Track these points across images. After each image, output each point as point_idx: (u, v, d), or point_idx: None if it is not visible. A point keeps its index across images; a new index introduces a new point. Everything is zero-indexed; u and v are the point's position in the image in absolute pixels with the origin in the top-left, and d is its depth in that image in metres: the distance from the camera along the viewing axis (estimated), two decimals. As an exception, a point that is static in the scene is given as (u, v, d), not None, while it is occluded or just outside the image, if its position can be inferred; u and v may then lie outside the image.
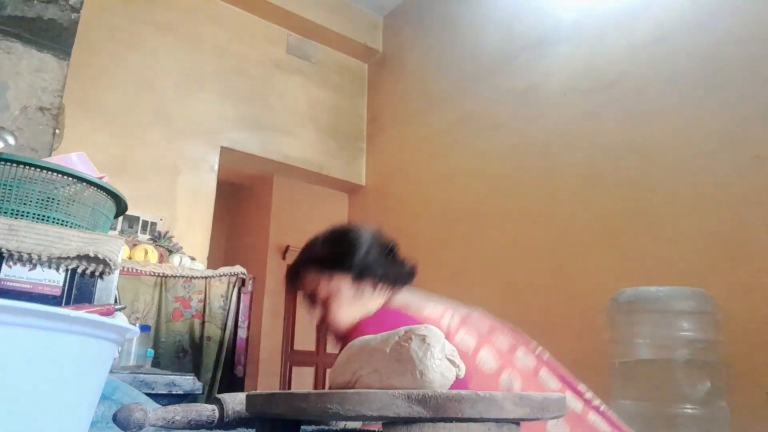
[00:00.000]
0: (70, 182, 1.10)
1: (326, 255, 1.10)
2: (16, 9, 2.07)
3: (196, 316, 2.39)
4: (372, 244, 1.11)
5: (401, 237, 3.69)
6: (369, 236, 1.12)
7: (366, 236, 1.11)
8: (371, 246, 1.10)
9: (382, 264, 1.10)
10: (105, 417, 0.64)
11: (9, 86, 2.02)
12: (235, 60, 3.29)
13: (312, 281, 1.10)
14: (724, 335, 1.66)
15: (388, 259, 1.11)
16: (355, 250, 1.08)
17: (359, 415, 0.40)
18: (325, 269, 1.08)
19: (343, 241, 1.11)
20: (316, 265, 1.10)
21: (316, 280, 1.09)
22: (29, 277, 1.04)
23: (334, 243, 1.11)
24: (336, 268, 1.07)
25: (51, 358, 0.38)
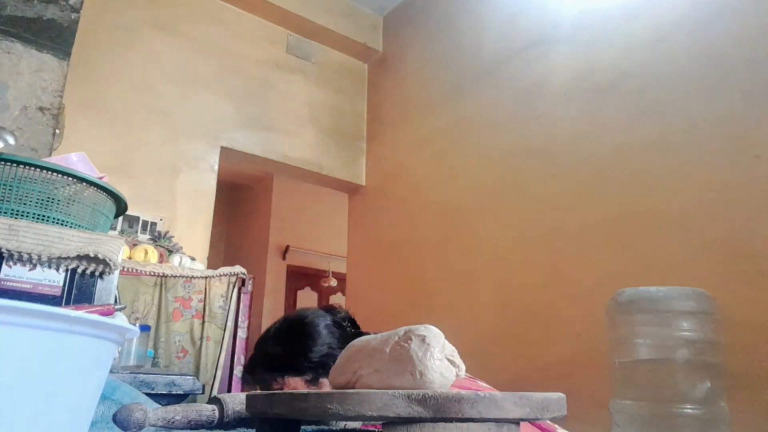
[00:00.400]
0: (70, 182, 1.10)
1: (277, 356, 1.02)
2: (16, 9, 2.07)
3: (196, 316, 2.39)
4: (327, 337, 1.03)
5: (401, 237, 3.71)
6: (323, 327, 1.04)
7: (320, 329, 1.03)
8: (326, 340, 1.03)
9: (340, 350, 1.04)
10: (105, 417, 0.64)
11: (9, 86, 2.02)
12: (235, 60, 3.29)
13: (267, 382, 1.02)
14: (724, 335, 1.66)
15: (346, 340, 1.06)
16: (306, 349, 1.00)
17: (359, 415, 0.40)
18: (276, 372, 1.01)
19: (294, 339, 1.03)
20: (268, 367, 1.03)
21: (271, 382, 1.01)
22: (29, 277, 1.04)
23: (285, 342, 1.04)
24: (288, 371, 1.00)
25: (51, 358, 0.38)
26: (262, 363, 1.04)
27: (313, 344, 1.01)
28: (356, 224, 3.75)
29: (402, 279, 3.11)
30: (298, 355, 1.00)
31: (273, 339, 1.05)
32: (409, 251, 3.15)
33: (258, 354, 1.06)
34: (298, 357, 1.00)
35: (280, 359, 1.02)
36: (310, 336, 1.02)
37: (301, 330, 1.04)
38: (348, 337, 1.03)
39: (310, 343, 1.01)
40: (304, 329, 1.04)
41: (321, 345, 1.01)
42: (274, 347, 1.04)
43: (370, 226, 3.57)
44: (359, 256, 3.63)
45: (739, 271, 1.74)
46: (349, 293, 3.68)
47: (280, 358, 1.02)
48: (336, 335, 1.04)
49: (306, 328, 1.04)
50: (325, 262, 5.28)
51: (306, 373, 1.00)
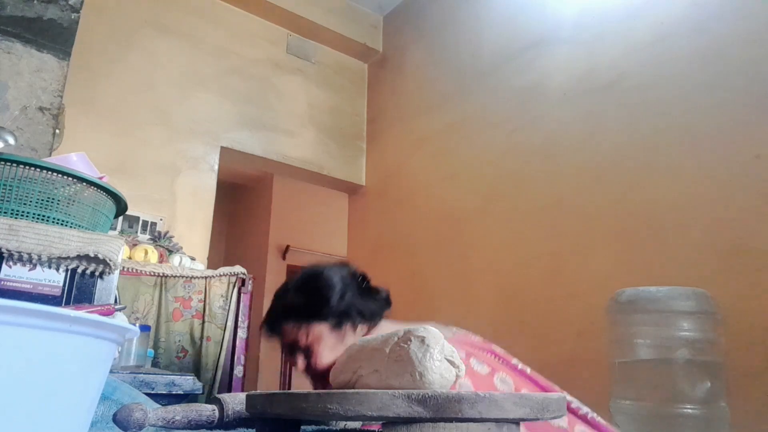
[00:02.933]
0: (70, 182, 1.10)
1: (300, 305, 1.07)
2: (16, 9, 2.07)
3: (196, 316, 2.39)
4: (344, 286, 1.09)
5: (401, 237, 3.71)
6: (340, 278, 1.10)
7: (337, 279, 1.09)
8: (344, 288, 1.08)
9: (358, 303, 1.08)
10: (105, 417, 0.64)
11: (9, 86, 2.02)
12: (235, 60, 3.29)
13: (290, 333, 1.07)
14: (724, 335, 1.66)
15: (362, 295, 1.10)
16: (328, 297, 1.06)
17: (359, 415, 0.40)
18: (301, 320, 1.06)
19: (315, 288, 1.09)
20: (291, 317, 1.08)
21: (294, 332, 1.07)
22: (29, 277, 1.04)
23: (307, 292, 1.09)
24: (312, 317, 1.05)
25: (51, 358, 0.38)
26: (284, 314, 1.08)
27: (333, 292, 1.06)
28: (356, 224, 3.75)
29: (402, 279, 3.11)
30: (320, 302, 1.06)
31: (293, 290, 1.10)
32: (409, 251, 3.15)
33: (278, 306, 1.11)
34: (320, 304, 1.05)
35: (303, 308, 1.06)
36: (329, 284, 1.08)
37: (320, 280, 1.09)
38: (363, 291, 1.10)
39: (331, 291, 1.07)
40: (323, 279, 1.09)
41: (340, 293, 1.07)
42: (295, 297, 1.09)
43: (370, 226, 3.57)
44: (359, 256, 3.63)
45: (739, 271, 1.74)
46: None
47: (302, 307, 1.06)
48: (352, 287, 1.10)
49: (324, 278, 1.09)
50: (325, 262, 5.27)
51: (329, 318, 1.05)
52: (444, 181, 3.00)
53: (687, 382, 1.57)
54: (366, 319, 1.09)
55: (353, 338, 1.06)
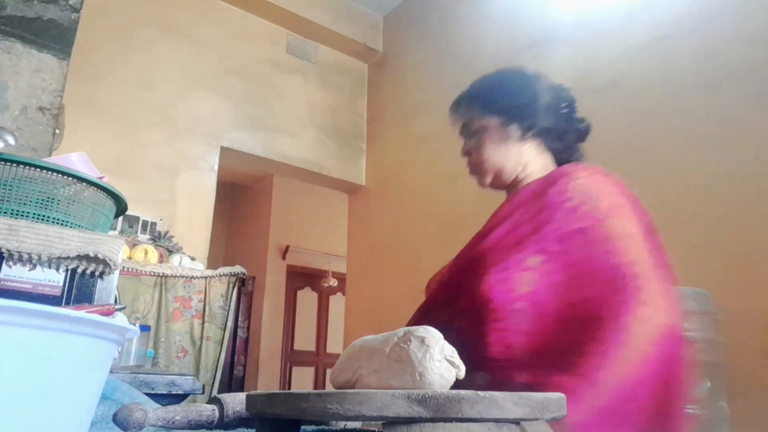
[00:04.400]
0: (70, 182, 1.10)
1: (487, 94, 1.06)
2: (16, 9, 2.07)
3: (196, 316, 2.39)
4: (541, 96, 1.03)
5: (401, 237, 3.70)
6: (541, 87, 1.05)
7: (537, 86, 1.04)
8: (538, 96, 1.03)
9: (547, 119, 1.03)
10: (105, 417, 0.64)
11: (9, 86, 2.02)
12: (235, 60, 3.29)
13: (467, 113, 1.07)
14: (724, 335, 1.66)
15: (558, 115, 1.05)
16: (518, 98, 1.03)
17: (359, 415, 0.40)
18: (480, 107, 1.05)
19: (509, 85, 1.06)
20: (474, 101, 1.07)
21: (470, 114, 1.06)
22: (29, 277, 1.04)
23: (501, 85, 1.07)
24: (491, 109, 1.04)
25: (51, 358, 0.38)
26: (470, 98, 1.08)
27: (522, 92, 1.03)
28: (356, 224, 3.75)
29: (402, 279, 3.11)
30: (505, 95, 1.04)
31: (486, 79, 1.09)
32: (409, 251, 3.15)
33: (470, 91, 1.09)
34: (503, 97, 1.03)
35: (487, 98, 1.05)
36: (525, 86, 1.04)
37: (518, 80, 1.06)
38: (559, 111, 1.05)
39: (521, 90, 1.03)
40: (521, 80, 1.06)
41: (531, 98, 1.03)
42: (485, 88, 1.08)
43: (370, 226, 3.57)
44: (359, 256, 3.63)
45: (739, 271, 1.74)
46: (349, 293, 3.68)
47: (488, 98, 1.05)
48: (547, 101, 1.03)
49: (522, 80, 1.06)
50: (325, 262, 5.28)
51: (503, 115, 1.02)
52: (444, 180, 3.00)
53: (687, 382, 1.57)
54: (548, 139, 1.04)
55: (518, 147, 1.03)
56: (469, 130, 1.07)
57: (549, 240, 0.85)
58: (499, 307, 0.80)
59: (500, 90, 1.06)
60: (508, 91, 1.05)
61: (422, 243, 3.06)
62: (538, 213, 0.90)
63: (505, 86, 1.06)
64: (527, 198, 0.96)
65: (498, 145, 1.04)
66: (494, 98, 1.05)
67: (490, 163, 1.04)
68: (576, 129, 1.10)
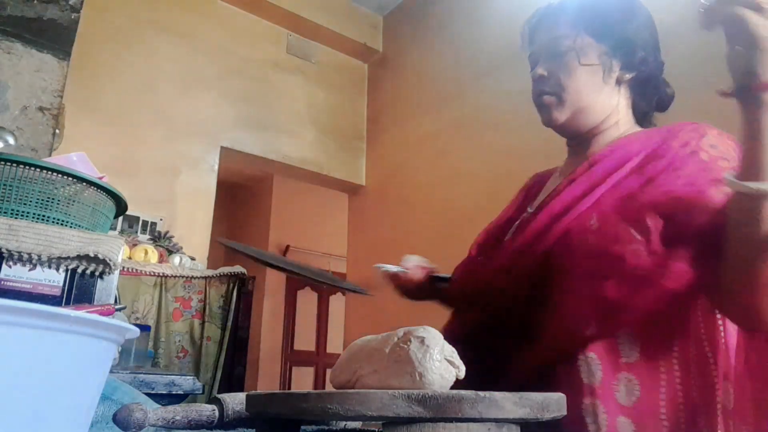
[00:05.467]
0: (70, 182, 1.10)
1: (588, 10, 0.84)
2: (16, 9, 2.07)
3: (196, 316, 2.39)
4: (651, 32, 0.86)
5: (401, 237, 3.70)
6: (650, 20, 0.88)
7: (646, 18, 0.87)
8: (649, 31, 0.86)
9: (651, 65, 0.86)
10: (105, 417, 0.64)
11: (9, 86, 2.02)
12: (235, 60, 3.29)
13: (554, 28, 0.86)
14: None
15: (659, 65, 0.89)
16: (626, 27, 0.83)
17: (359, 415, 0.40)
18: (577, 24, 0.83)
19: (617, 6, 0.85)
20: (569, 15, 0.85)
21: (559, 30, 0.85)
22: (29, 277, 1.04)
23: (607, 3, 0.85)
24: (592, 30, 0.82)
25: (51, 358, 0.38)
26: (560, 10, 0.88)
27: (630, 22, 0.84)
28: (356, 224, 3.75)
29: (402, 279, 3.11)
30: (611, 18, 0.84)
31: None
32: (409, 251, 3.14)
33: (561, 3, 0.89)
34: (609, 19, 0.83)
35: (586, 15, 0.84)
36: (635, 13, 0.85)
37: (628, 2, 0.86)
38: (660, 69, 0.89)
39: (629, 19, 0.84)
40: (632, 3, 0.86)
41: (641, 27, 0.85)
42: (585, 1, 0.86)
43: (370, 226, 3.57)
44: (359, 256, 3.63)
45: (739, 271, 1.74)
46: (349, 293, 3.68)
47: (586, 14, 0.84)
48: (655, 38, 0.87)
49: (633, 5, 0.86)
50: (325, 262, 5.28)
51: (606, 42, 0.83)
52: (444, 181, 3.00)
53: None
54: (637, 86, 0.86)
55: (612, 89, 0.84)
56: (552, 49, 0.85)
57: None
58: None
59: (605, 10, 0.84)
60: (615, 14, 0.84)
61: (422, 243, 3.06)
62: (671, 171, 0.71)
63: (611, 6, 0.85)
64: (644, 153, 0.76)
65: (591, 77, 0.82)
66: (597, 18, 0.83)
67: (576, 94, 0.83)
68: (665, 92, 0.92)
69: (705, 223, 0.66)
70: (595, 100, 0.83)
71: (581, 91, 0.83)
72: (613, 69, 0.84)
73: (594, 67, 0.83)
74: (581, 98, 0.83)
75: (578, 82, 0.82)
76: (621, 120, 0.86)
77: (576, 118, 0.84)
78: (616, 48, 0.83)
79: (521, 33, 0.95)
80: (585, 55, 0.83)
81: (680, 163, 0.73)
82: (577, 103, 0.83)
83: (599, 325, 0.69)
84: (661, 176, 0.72)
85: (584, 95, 0.83)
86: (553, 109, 0.85)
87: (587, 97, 0.83)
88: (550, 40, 0.86)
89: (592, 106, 0.84)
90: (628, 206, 0.71)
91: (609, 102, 0.84)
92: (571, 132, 0.88)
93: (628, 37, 0.83)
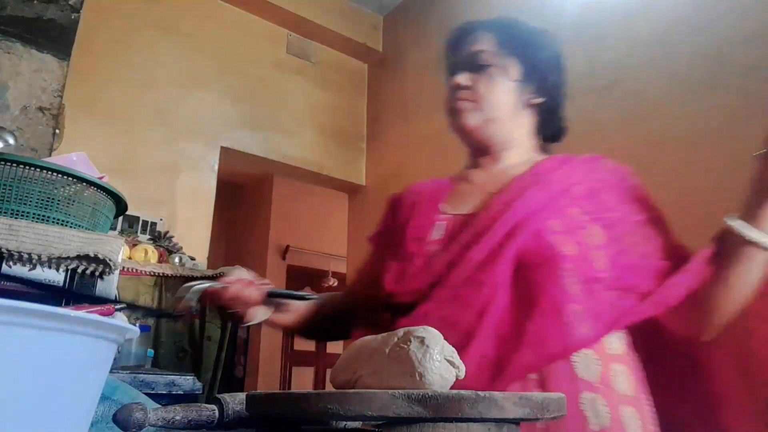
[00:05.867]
0: (70, 182, 1.10)
1: (515, 35, 0.93)
2: (16, 9, 2.07)
3: (196, 316, 2.39)
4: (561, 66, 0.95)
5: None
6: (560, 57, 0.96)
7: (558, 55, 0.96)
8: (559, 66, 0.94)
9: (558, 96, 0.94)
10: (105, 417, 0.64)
11: (9, 86, 2.02)
12: (235, 60, 3.29)
13: (483, 43, 0.93)
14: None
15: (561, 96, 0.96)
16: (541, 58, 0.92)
17: (359, 415, 0.40)
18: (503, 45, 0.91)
19: (537, 39, 0.94)
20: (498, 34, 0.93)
21: (488, 46, 0.92)
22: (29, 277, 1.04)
23: (529, 34, 0.95)
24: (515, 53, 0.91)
25: (51, 358, 0.38)
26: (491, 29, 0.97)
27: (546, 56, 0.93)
28: (356, 224, 3.75)
29: (402, 279, 3.11)
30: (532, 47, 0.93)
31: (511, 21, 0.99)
32: (409, 251, 3.14)
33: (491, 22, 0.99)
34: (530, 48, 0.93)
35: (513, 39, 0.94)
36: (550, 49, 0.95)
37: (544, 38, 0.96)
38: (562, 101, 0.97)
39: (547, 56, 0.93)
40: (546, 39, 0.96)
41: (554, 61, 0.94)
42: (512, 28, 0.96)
43: (370, 226, 3.56)
44: (359, 256, 3.62)
45: (739, 271, 1.74)
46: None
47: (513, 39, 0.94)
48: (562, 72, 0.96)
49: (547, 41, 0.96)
50: (325, 262, 5.28)
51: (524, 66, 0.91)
52: (444, 181, 2.99)
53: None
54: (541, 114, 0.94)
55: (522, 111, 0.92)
56: (477, 61, 0.92)
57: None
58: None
59: (525, 37, 0.93)
60: (533, 43, 0.93)
61: (422, 243, 3.06)
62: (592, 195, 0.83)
63: (531, 36, 0.94)
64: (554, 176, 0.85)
65: (507, 94, 0.90)
66: (518, 42, 0.92)
67: (491, 106, 0.89)
68: (562, 124, 0.99)
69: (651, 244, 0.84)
70: (507, 116, 0.90)
71: (496, 104, 0.89)
72: (526, 92, 0.91)
73: (511, 85, 0.90)
74: (495, 110, 0.90)
75: (495, 95, 0.89)
76: (525, 141, 0.94)
77: (486, 127, 0.91)
78: (532, 73, 0.91)
79: (446, 42, 1.03)
80: (505, 73, 0.90)
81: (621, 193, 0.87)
82: (491, 114, 0.90)
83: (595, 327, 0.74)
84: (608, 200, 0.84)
85: (498, 109, 0.90)
86: (467, 114, 0.92)
87: (500, 111, 0.90)
88: (473, 53, 0.93)
89: (503, 121, 0.90)
90: (585, 220, 0.81)
91: (518, 121, 0.92)
92: (478, 141, 0.94)
93: (543, 66, 0.92)
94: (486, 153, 0.95)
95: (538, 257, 0.76)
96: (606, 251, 0.78)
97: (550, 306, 0.73)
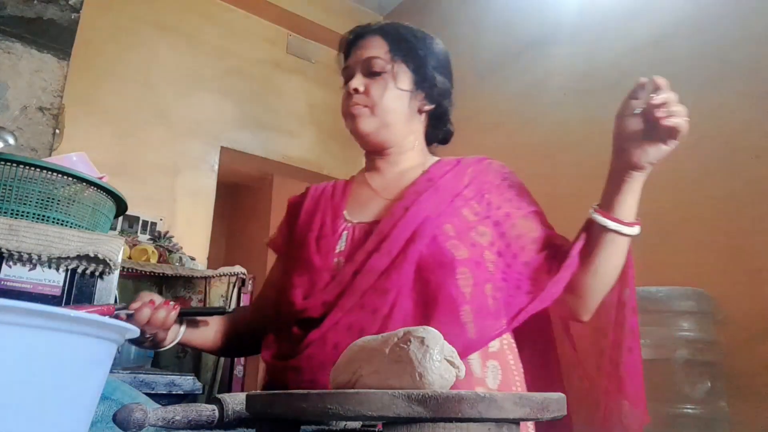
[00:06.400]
0: (70, 182, 1.10)
1: (413, 43, 0.96)
2: (16, 9, 2.07)
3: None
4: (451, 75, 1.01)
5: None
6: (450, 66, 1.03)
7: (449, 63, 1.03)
8: (450, 74, 1.01)
9: (447, 104, 1.01)
10: (105, 417, 0.64)
11: (9, 86, 2.02)
12: (235, 60, 3.29)
13: (379, 48, 0.95)
14: (724, 335, 1.66)
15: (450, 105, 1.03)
16: (436, 66, 0.97)
17: (359, 415, 0.40)
18: (399, 51, 0.95)
19: (432, 47, 0.99)
20: (395, 41, 0.96)
21: (383, 52, 0.95)
22: (29, 277, 1.04)
23: (425, 43, 0.98)
24: (410, 60, 0.95)
25: (51, 358, 0.38)
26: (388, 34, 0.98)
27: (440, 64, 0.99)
28: (356, 224, 3.74)
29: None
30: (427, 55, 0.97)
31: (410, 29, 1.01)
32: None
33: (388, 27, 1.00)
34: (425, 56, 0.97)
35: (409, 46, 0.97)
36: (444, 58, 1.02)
37: (439, 47, 1.02)
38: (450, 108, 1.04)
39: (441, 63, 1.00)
40: (441, 49, 1.02)
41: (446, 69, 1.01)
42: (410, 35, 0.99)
43: (370, 226, 3.56)
44: (359, 256, 3.62)
45: (738, 271, 1.74)
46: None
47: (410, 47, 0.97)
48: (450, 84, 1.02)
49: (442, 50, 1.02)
50: (325, 262, 5.27)
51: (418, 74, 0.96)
52: (444, 181, 2.99)
53: (687, 382, 1.57)
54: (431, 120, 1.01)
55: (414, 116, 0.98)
56: (372, 67, 0.94)
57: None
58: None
59: (418, 45, 0.97)
60: (425, 50, 0.97)
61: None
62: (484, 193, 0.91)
63: (423, 43, 0.98)
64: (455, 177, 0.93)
65: (400, 100, 0.94)
66: (411, 50, 0.96)
67: (385, 111, 0.93)
68: (450, 129, 1.07)
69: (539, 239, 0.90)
70: (400, 121, 0.95)
71: (390, 110, 0.93)
72: (418, 98, 0.96)
73: (404, 92, 0.94)
74: (389, 116, 0.94)
75: (389, 101, 0.93)
76: (417, 145, 1.00)
77: (380, 132, 0.95)
78: (424, 80, 0.96)
79: (340, 45, 1.03)
80: (399, 80, 0.94)
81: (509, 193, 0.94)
82: (385, 118, 0.94)
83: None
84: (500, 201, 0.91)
85: (392, 114, 0.94)
86: (363, 119, 0.94)
87: (394, 116, 0.94)
88: (368, 59, 0.95)
89: (396, 125, 0.95)
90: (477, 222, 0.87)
91: (411, 126, 0.98)
92: (373, 145, 0.98)
93: (433, 74, 0.97)
94: (381, 155, 1.00)
95: (435, 262, 0.81)
96: (496, 249, 0.86)
97: (447, 308, 0.78)
